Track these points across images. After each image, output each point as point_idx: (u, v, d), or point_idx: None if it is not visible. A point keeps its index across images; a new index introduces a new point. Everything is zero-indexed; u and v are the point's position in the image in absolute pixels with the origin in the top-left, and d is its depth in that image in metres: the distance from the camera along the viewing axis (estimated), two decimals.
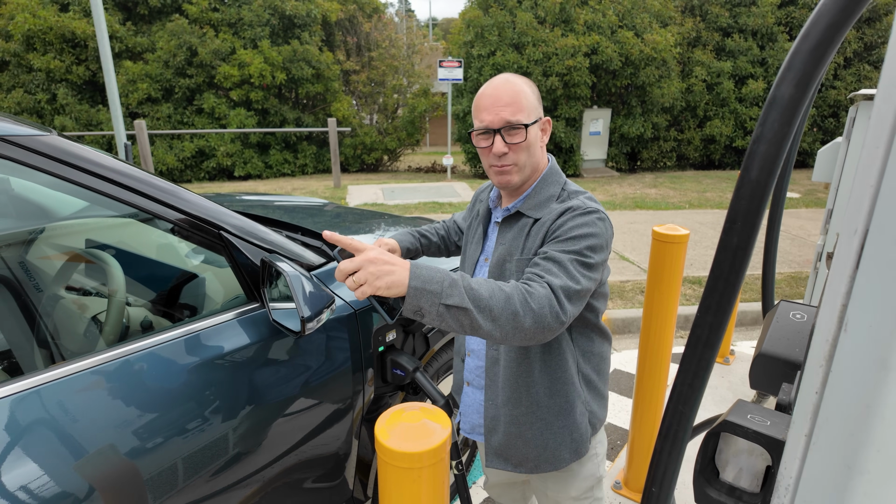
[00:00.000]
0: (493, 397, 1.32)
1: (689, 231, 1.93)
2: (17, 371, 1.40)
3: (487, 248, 1.36)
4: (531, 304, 1.01)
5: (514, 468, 1.33)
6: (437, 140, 23.21)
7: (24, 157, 1.06)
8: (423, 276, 0.97)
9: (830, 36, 0.44)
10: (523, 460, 1.32)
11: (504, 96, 1.19)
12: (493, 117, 1.20)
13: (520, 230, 1.26)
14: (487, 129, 1.21)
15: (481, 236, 1.38)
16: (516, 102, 1.19)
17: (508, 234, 1.28)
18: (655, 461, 0.65)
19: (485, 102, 1.21)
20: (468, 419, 1.41)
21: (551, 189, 1.28)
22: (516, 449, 1.31)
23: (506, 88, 1.20)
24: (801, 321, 1.03)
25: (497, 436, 1.32)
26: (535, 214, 1.24)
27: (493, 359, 1.30)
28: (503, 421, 1.31)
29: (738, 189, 0.51)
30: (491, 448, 1.35)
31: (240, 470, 1.27)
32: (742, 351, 3.51)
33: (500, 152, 1.21)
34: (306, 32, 13.36)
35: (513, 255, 1.25)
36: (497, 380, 1.30)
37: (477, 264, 1.37)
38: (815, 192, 9.61)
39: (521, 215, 1.28)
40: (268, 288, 1.39)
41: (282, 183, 11.71)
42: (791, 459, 0.56)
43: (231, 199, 2.82)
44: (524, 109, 1.20)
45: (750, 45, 12.47)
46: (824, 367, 0.52)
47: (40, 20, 11.32)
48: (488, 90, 1.22)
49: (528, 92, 1.23)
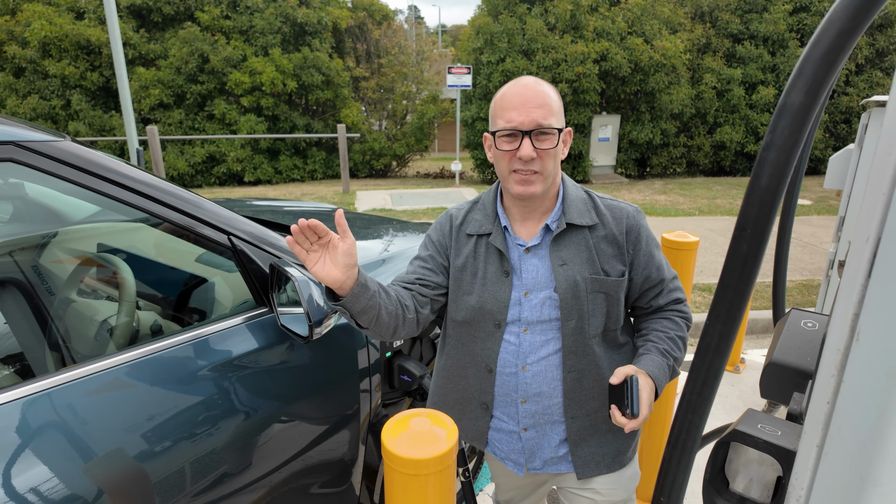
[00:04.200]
0: (577, 411, 1.24)
1: (698, 238, 1.92)
2: (28, 373, 1.41)
3: (524, 281, 1.21)
4: (687, 324, 1.29)
5: (608, 469, 1.28)
6: (446, 146, 23.26)
7: (39, 163, 1.08)
8: (662, 384, 1.17)
9: (841, 43, 0.44)
10: (617, 454, 1.29)
11: (536, 97, 1.10)
12: (523, 118, 1.10)
13: (578, 245, 1.19)
14: (515, 131, 1.11)
15: (500, 273, 1.22)
16: (548, 105, 1.11)
17: (566, 254, 1.19)
18: (664, 470, 0.64)
19: (513, 101, 1.11)
20: (539, 456, 1.28)
21: (580, 193, 1.25)
22: (610, 445, 1.28)
23: (537, 89, 1.11)
24: (813, 330, 1.02)
25: (588, 445, 1.27)
26: (587, 220, 1.19)
27: (575, 379, 1.22)
28: (596, 426, 1.26)
29: (748, 196, 0.51)
30: (580, 459, 1.27)
31: (247, 474, 1.28)
32: (753, 359, 3.47)
33: (529, 156, 1.10)
34: (317, 39, 13.48)
35: (584, 275, 1.18)
36: (582, 393, 1.23)
37: (511, 303, 1.21)
38: (827, 199, 9.52)
39: (573, 227, 1.19)
40: (276, 293, 1.39)
41: (291, 188, 11.79)
42: (802, 470, 0.56)
43: (241, 204, 2.84)
44: (555, 113, 1.12)
45: (761, 52, 12.40)
46: (836, 377, 0.51)
47: (56, 27, 11.52)
48: (516, 88, 1.12)
49: (556, 98, 1.15)
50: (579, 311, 1.18)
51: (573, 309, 1.18)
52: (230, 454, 1.24)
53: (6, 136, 1.05)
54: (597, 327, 1.20)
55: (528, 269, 1.21)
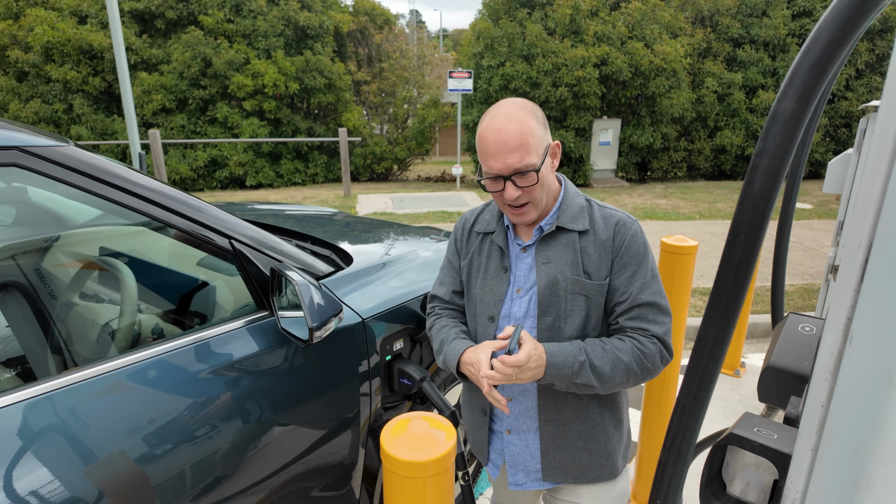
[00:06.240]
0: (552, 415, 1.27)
1: (697, 242, 1.92)
2: (30, 377, 1.42)
3: (517, 278, 1.27)
4: (646, 364, 1.16)
5: (574, 480, 1.31)
6: (447, 150, 23.30)
7: (43, 167, 1.09)
8: (557, 365, 1.13)
9: (831, 53, 0.45)
10: (586, 471, 1.30)
11: (510, 140, 1.10)
12: (500, 165, 1.12)
13: (565, 246, 1.21)
14: (497, 177, 1.15)
15: (499, 268, 1.28)
16: (523, 145, 1.11)
17: (551, 253, 1.22)
18: (660, 474, 0.65)
19: (490, 148, 1.13)
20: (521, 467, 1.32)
21: (579, 200, 1.25)
22: (580, 461, 1.29)
23: (509, 130, 1.11)
24: (810, 334, 1.02)
25: (558, 453, 1.29)
26: (578, 226, 1.21)
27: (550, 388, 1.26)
28: (569, 437, 1.28)
29: (741, 202, 0.52)
30: (549, 464, 1.30)
31: (247, 477, 1.28)
32: (753, 363, 3.47)
33: (513, 198, 1.15)
34: (319, 43, 13.52)
35: (565, 274, 1.20)
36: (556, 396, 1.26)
37: (506, 298, 1.27)
38: (828, 203, 9.52)
39: (561, 230, 1.22)
40: (277, 296, 1.40)
41: (292, 192, 11.81)
42: (798, 473, 0.56)
43: (242, 207, 2.85)
44: (532, 150, 1.12)
45: (761, 56, 12.42)
46: (830, 381, 0.52)
47: (59, 32, 11.56)
48: (491, 133, 1.12)
49: (533, 125, 1.13)
50: (557, 309, 1.22)
51: (551, 305, 1.22)
52: (231, 457, 1.24)
53: (10, 140, 1.06)
54: (574, 329, 1.22)
55: (521, 267, 1.27)
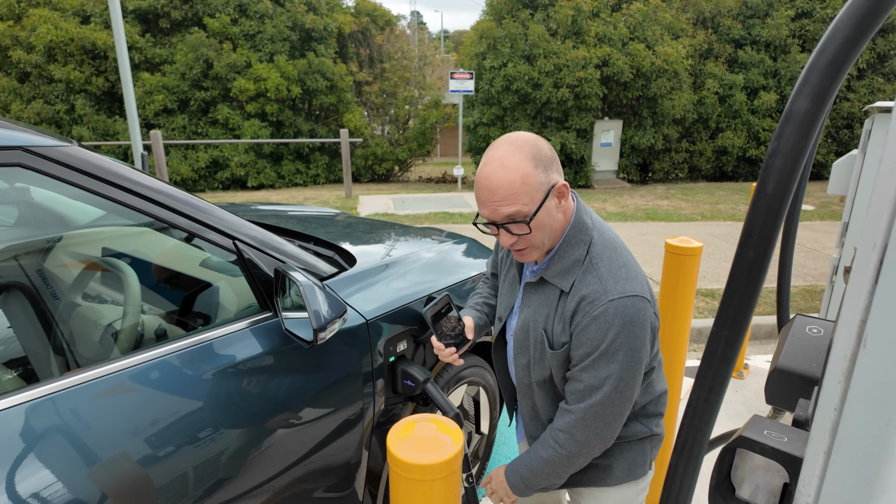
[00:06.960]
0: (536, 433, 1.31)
1: (702, 243, 1.92)
2: (33, 378, 1.42)
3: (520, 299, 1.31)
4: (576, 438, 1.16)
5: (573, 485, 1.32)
6: (448, 151, 23.30)
7: (46, 168, 1.09)
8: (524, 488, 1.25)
9: (846, 52, 0.44)
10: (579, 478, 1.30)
11: (499, 189, 1.05)
12: (490, 212, 1.09)
13: (546, 298, 1.18)
14: (490, 224, 1.13)
15: (515, 280, 1.32)
16: (514, 194, 1.05)
17: (534, 299, 1.21)
18: (671, 477, 0.64)
19: (480, 195, 1.09)
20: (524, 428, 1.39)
21: (576, 252, 1.15)
22: None
23: (499, 179, 1.05)
24: (818, 336, 1.02)
25: None
26: (562, 284, 1.15)
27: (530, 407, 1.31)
28: None
29: (754, 203, 0.51)
30: None
31: (251, 479, 1.28)
32: (756, 365, 3.46)
33: (508, 243, 1.14)
34: (322, 45, 13.54)
35: (537, 324, 1.19)
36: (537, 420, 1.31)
37: (514, 309, 1.31)
38: (830, 204, 9.50)
39: (545, 282, 1.20)
40: (281, 297, 1.40)
41: (294, 193, 11.81)
42: (809, 477, 0.56)
43: (245, 208, 2.85)
44: (523, 198, 1.06)
45: (762, 58, 12.41)
46: (843, 384, 0.51)
47: (62, 32, 11.57)
48: (482, 180, 1.08)
49: (528, 171, 1.06)
50: (527, 354, 1.24)
51: (524, 348, 1.25)
52: (234, 459, 1.24)
53: (14, 140, 1.06)
54: (540, 375, 1.23)
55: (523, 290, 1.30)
